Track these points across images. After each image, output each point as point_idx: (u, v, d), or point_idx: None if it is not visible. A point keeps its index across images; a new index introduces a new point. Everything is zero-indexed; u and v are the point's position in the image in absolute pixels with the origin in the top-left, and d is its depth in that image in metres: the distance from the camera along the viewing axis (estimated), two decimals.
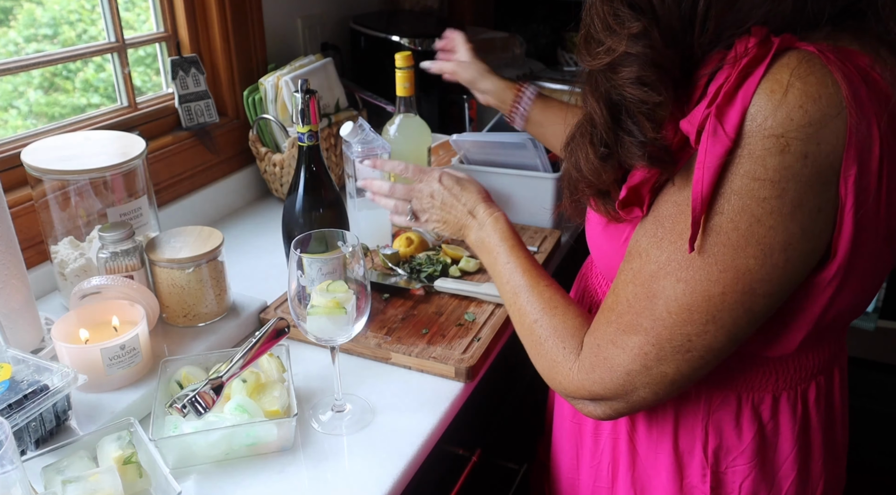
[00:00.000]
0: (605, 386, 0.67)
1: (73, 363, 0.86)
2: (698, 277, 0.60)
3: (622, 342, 0.65)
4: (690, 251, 0.60)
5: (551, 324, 0.75)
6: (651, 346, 0.64)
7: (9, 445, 0.62)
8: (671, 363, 0.64)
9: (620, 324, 0.66)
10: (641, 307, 0.64)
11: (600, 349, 0.68)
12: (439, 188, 0.95)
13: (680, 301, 0.61)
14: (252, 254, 1.30)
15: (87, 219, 1.08)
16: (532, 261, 0.83)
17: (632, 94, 0.62)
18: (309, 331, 0.83)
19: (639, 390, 0.66)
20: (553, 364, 0.73)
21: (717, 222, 0.58)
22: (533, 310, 0.77)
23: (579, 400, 0.72)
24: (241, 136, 1.52)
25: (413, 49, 1.71)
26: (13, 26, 1.20)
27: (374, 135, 1.23)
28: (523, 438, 1.32)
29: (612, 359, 0.66)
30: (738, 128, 0.55)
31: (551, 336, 0.74)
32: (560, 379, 0.72)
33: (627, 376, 0.66)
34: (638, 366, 0.65)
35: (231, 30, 1.44)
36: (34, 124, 1.24)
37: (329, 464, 0.83)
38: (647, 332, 0.64)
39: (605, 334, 0.67)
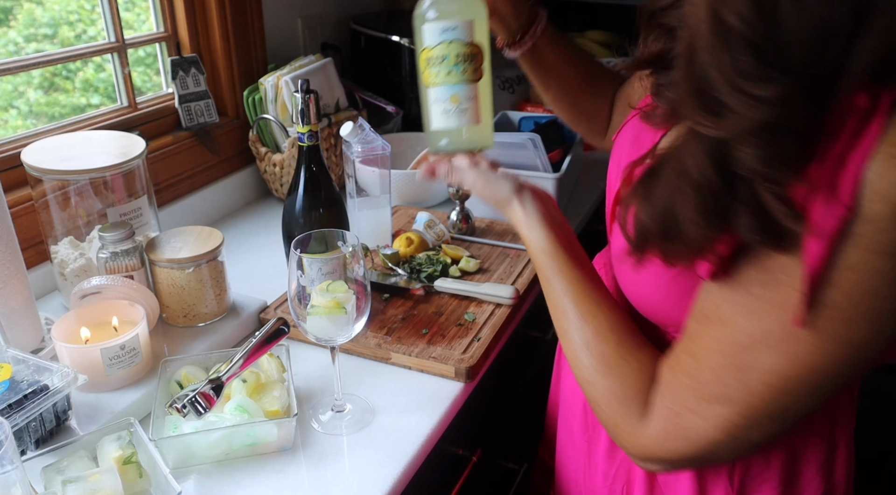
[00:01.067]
0: (680, 454, 0.63)
1: (73, 363, 0.86)
2: (803, 351, 0.55)
3: (705, 411, 0.61)
4: (800, 327, 0.54)
5: (608, 387, 0.68)
6: (740, 416, 0.59)
7: (9, 445, 0.62)
8: (760, 430, 0.60)
9: (703, 393, 0.61)
10: (730, 378, 0.59)
11: (677, 416, 0.62)
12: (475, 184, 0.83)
13: (779, 374, 0.57)
14: (252, 254, 1.30)
15: (87, 219, 1.08)
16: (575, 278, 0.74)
17: (761, 172, 0.52)
18: (309, 331, 0.83)
19: (719, 455, 0.63)
20: (615, 426, 0.68)
21: (830, 296, 0.53)
22: (586, 369, 0.70)
23: (640, 460, 0.67)
24: (241, 136, 1.52)
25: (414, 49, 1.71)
26: (13, 26, 1.20)
27: (374, 135, 1.23)
28: (523, 438, 1.32)
29: (692, 429, 0.62)
30: (853, 195, 0.50)
31: (611, 402, 0.68)
32: (623, 441, 0.67)
33: (709, 445, 0.61)
34: (722, 436, 0.60)
35: (231, 30, 1.44)
36: (34, 124, 1.24)
37: (329, 464, 0.83)
38: (735, 403, 0.59)
39: (683, 401, 0.62)
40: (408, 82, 1.75)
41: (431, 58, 0.84)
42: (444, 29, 0.82)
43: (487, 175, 0.82)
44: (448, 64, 0.84)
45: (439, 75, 0.84)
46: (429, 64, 0.85)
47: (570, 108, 1.09)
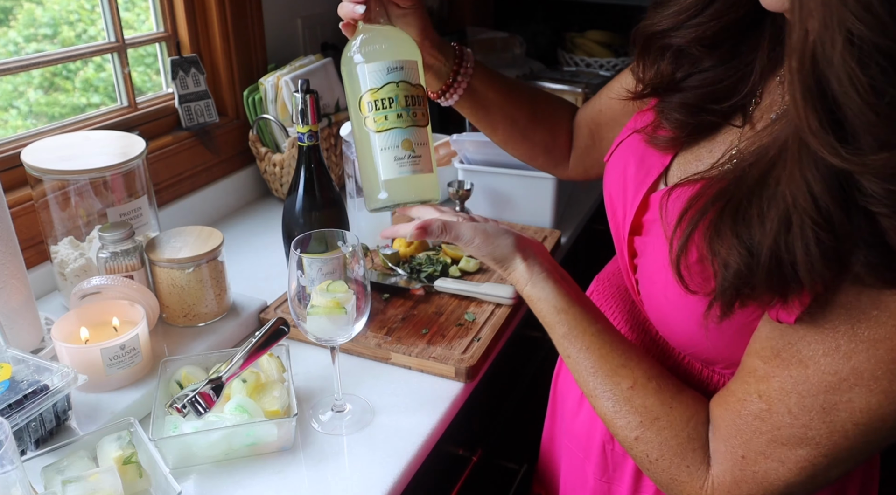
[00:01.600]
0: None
1: (73, 363, 0.86)
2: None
3: (781, 455, 0.58)
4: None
5: (659, 440, 0.64)
6: (823, 458, 0.57)
7: (9, 445, 0.62)
8: (841, 467, 0.57)
9: (779, 437, 0.58)
10: (812, 419, 0.56)
11: (748, 462, 0.59)
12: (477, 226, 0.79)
13: (873, 413, 0.54)
14: (252, 254, 1.30)
15: (87, 219, 1.08)
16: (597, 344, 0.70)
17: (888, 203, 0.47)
18: (309, 331, 0.83)
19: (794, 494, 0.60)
20: (674, 481, 0.63)
21: None
22: (630, 425, 0.66)
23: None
24: (241, 136, 1.52)
25: None
26: (13, 26, 1.20)
27: None
28: (523, 438, 1.32)
29: (766, 474, 0.59)
30: None
31: (666, 454, 0.64)
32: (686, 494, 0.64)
33: (786, 488, 0.59)
34: (802, 478, 0.58)
35: (231, 30, 1.44)
36: (34, 124, 1.24)
37: (329, 464, 0.83)
38: (819, 445, 0.56)
39: (754, 446, 0.59)
40: None
41: (377, 100, 0.76)
42: (391, 68, 0.76)
43: (487, 230, 0.77)
44: (398, 106, 0.76)
45: (388, 119, 0.76)
46: (374, 107, 0.77)
47: (522, 144, 1.00)
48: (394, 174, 0.77)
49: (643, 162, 0.73)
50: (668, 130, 0.71)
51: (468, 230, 0.77)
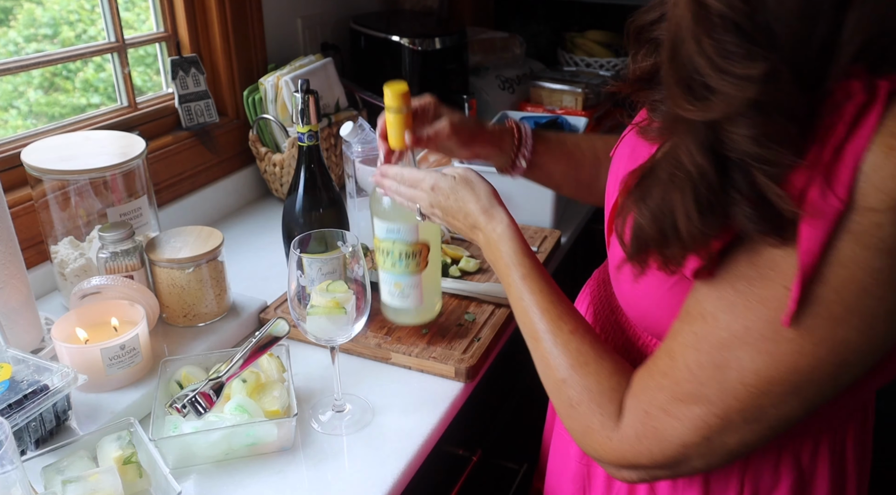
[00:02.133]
0: (652, 457, 0.61)
1: (73, 363, 0.86)
2: (786, 350, 0.53)
3: (679, 412, 0.59)
4: (787, 326, 0.53)
5: (583, 384, 0.67)
6: (716, 418, 0.57)
7: (9, 445, 0.62)
8: (736, 434, 0.58)
9: (678, 393, 0.59)
10: (707, 377, 0.57)
11: (649, 418, 0.61)
12: (435, 198, 0.85)
13: (760, 374, 0.55)
14: (252, 254, 1.30)
15: (87, 219, 1.08)
16: (548, 291, 0.75)
17: (754, 153, 0.51)
18: (309, 331, 0.83)
19: (692, 460, 0.60)
20: (587, 429, 0.66)
21: (819, 293, 0.51)
22: (560, 366, 0.69)
23: (614, 467, 0.66)
24: (241, 136, 1.52)
25: (414, 49, 1.71)
26: (13, 26, 1.20)
27: (374, 135, 1.23)
28: (523, 438, 1.32)
29: (665, 430, 0.60)
30: (849, 190, 0.48)
31: (584, 400, 0.66)
32: (596, 447, 0.65)
33: (682, 448, 0.59)
34: (697, 438, 0.59)
35: (231, 30, 1.44)
36: (34, 124, 1.24)
37: (329, 464, 0.83)
38: (712, 403, 0.57)
39: (657, 401, 0.61)
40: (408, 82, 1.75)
41: (379, 248, 0.96)
42: (390, 229, 0.93)
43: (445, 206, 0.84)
44: (392, 258, 0.95)
45: (386, 264, 0.96)
46: (378, 250, 0.96)
47: (590, 196, 1.04)
48: (387, 301, 1.01)
49: (634, 151, 0.75)
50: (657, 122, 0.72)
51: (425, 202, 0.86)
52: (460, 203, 0.83)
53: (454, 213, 0.84)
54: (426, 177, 0.86)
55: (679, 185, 0.56)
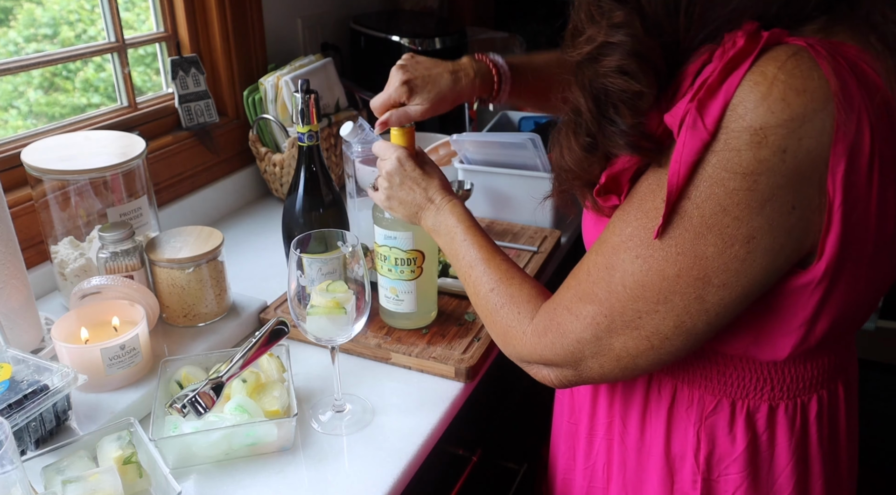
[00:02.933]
0: (555, 351, 0.69)
1: (73, 363, 0.86)
2: (656, 256, 0.61)
3: (577, 309, 0.66)
4: (655, 237, 0.60)
5: (507, 292, 0.76)
6: (603, 317, 0.64)
7: (9, 445, 0.62)
8: (620, 337, 0.64)
9: (578, 292, 0.67)
10: (599, 277, 0.65)
11: (555, 313, 0.69)
12: (398, 168, 0.90)
13: (636, 276, 0.62)
14: (252, 254, 1.30)
15: (87, 219, 1.08)
16: (488, 240, 0.83)
17: (613, 84, 0.62)
18: (309, 331, 0.83)
19: (587, 360, 0.67)
20: (507, 329, 0.74)
21: (683, 206, 0.58)
22: (489, 280, 0.78)
23: (532, 364, 0.74)
24: (241, 136, 1.52)
25: (414, 49, 1.71)
26: (13, 26, 1.20)
27: (374, 135, 1.23)
28: (523, 438, 1.32)
29: (564, 325, 0.67)
30: (717, 121, 0.55)
31: (507, 303, 0.75)
32: (514, 344, 0.74)
33: (577, 344, 0.67)
34: (588, 335, 0.66)
35: (231, 30, 1.44)
36: (34, 124, 1.24)
37: (329, 464, 0.83)
38: (601, 303, 0.64)
39: (563, 299, 0.69)
40: None
41: (377, 253, 1.00)
42: (388, 236, 0.97)
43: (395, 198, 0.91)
44: (389, 263, 0.99)
45: (383, 268, 1.00)
46: (377, 255, 1.00)
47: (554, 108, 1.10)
48: (384, 304, 1.03)
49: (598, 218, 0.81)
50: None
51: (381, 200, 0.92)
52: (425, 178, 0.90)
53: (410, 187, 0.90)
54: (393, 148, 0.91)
55: (566, 122, 0.69)
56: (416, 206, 0.89)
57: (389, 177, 0.90)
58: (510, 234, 1.32)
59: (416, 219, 0.90)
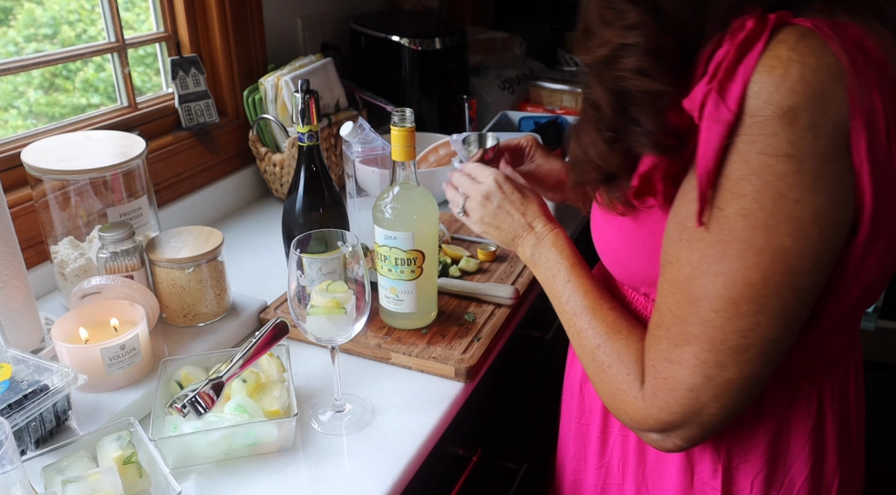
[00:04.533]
0: (671, 409, 0.63)
1: (73, 363, 0.86)
2: (735, 266, 0.57)
3: (677, 356, 0.62)
4: (698, 226, 0.59)
5: (614, 348, 0.70)
6: (707, 353, 0.60)
7: (9, 445, 0.62)
8: (732, 367, 0.60)
9: (670, 339, 0.63)
10: (686, 314, 0.61)
11: (657, 370, 0.64)
12: (497, 190, 0.89)
13: (723, 296, 0.58)
14: (252, 254, 1.30)
15: (87, 219, 1.08)
16: (593, 281, 0.79)
17: (633, 85, 0.62)
18: (309, 331, 0.83)
19: (707, 406, 0.62)
20: (616, 391, 0.69)
21: (742, 205, 0.56)
22: (595, 334, 0.73)
23: (649, 433, 0.68)
24: (241, 136, 1.52)
25: (414, 49, 1.71)
26: (13, 26, 1.20)
27: (374, 135, 1.23)
28: (523, 438, 1.33)
29: (671, 378, 0.62)
30: (739, 102, 0.55)
31: (615, 362, 0.69)
32: (625, 409, 0.68)
33: (691, 392, 0.62)
34: (699, 378, 0.61)
35: (231, 30, 1.44)
36: (34, 124, 1.24)
37: (329, 464, 0.83)
38: (698, 339, 0.60)
39: (658, 353, 0.64)
40: (408, 82, 1.75)
41: (377, 253, 0.99)
42: (387, 236, 0.96)
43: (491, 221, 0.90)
44: (389, 263, 0.98)
45: (383, 269, 0.99)
46: (376, 255, 0.99)
47: None
48: (384, 304, 1.02)
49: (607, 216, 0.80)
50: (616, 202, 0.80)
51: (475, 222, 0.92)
52: (525, 203, 0.89)
53: (509, 211, 0.89)
54: (488, 170, 0.92)
55: (588, 119, 0.69)
56: (514, 233, 0.88)
57: (485, 200, 0.89)
58: None
59: (512, 246, 0.89)
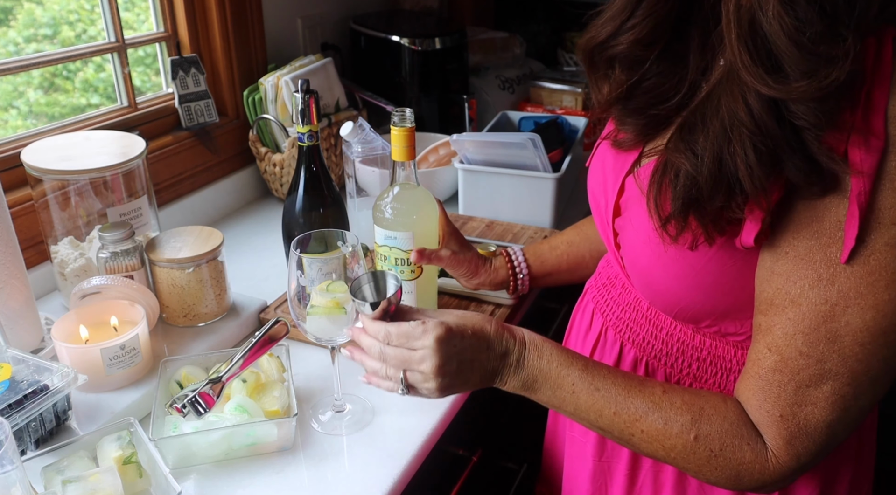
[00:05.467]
0: (810, 452, 0.61)
1: (73, 363, 0.86)
2: (887, 297, 0.55)
3: (811, 397, 0.59)
4: (844, 262, 0.56)
5: (717, 429, 0.64)
6: (847, 386, 0.58)
7: (9, 445, 0.62)
8: (869, 394, 0.59)
9: (801, 381, 0.59)
10: (823, 352, 0.58)
11: (788, 419, 0.60)
12: (447, 353, 0.71)
13: (872, 329, 0.56)
14: (252, 254, 1.30)
15: (87, 219, 1.08)
16: (613, 371, 0.71)
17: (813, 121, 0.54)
18: (309, 331, 0.83)
19: (839, 435, 0.61)
20: (741, 468, 0.63)
21: (893, 234, 0.54)
22: (681, 429, 0.65)
23: (784, 485, 0.64)
24: (241, 136, 1.52)
25: (414, 49, 1.71)
26: (13, 26, 1.20)
27: (374, 135, 1.23)
28: (523, 438, 1.32)
29: (809, 421, 0.60)
30: (884, 131, 0.53)
31: (727, 442, 0.63)
32: (758, 478, 0.63)
33: (829, 429, 0.60)
34: (838, 414, 0.59)
35: (231, 30, 1.44)
36: (34, 124, 1.24)
37: (329, 464, 0.83)
38: (837, 375, 0.58)
39: (784, 399, 0.60)
40: (408, 82, 1.75)
41: (377, 252, 0.98)
42: (387, 236, 0.96)
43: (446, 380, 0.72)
44: (389, 263, 0.98)
45: (383, 268, 0.99)
46: (377, 255, 0.99)
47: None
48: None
49: (618, 157, 0.77)
50: (626, 134, 0.75)
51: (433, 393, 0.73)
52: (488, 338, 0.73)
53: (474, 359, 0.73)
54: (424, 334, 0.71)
55: (739, 137, 0.57)
56: (491, 373, 0.74)
57: (440, 369, 0.71)
58: (510, 234, 1.32)
59: (494, 384, 0.75)
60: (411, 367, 0.72)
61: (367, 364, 0.76)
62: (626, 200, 0.74)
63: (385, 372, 0.74)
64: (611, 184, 0.77)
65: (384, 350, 0.73)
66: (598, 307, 0.87)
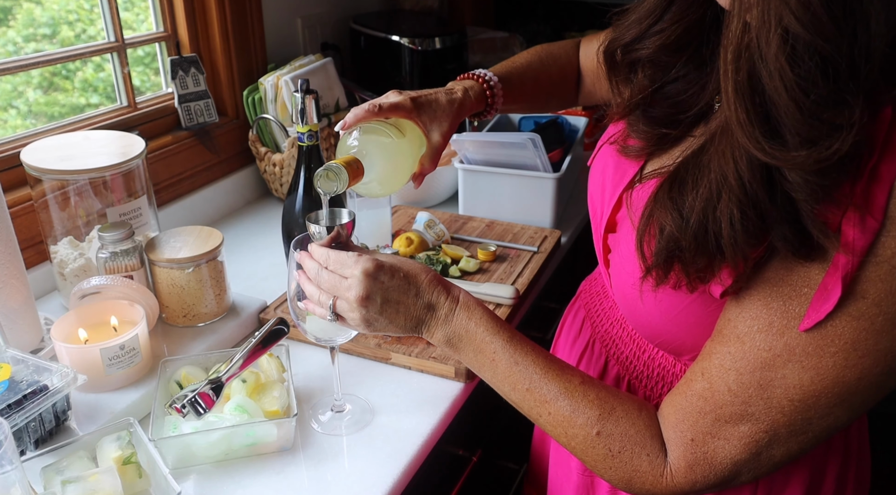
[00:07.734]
0: (708, 480, 0.61)
1: (73, 363, 0.86)
2: (831, 364, 0.54)
3: (726, 433, 0.59)
4: (803, 330, 0.54)
5: (619, 430, 0.64)
6: (763, 433, 0.58)
7: (8, 445, 0.62)
8: (783, 446, 0.58)
9: (722, 415, 0.59)
10: (751, 396, 0.58)
11: (697, 444, 0.61)
12: (373, 285, 0.70)
13: (806, 389, 0.55)
14: (252, 254, 1.30)
15: (86, 219, 1.08)
16: (538, 350, 0.70)
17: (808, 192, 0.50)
18: (309, 331, 0.83)
19: (741, 476, 0.61)
20: (634, 474, 0.63)
21: (860, 307, 0.52)
22: (587, 420, 0.65)
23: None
24: (241, 136, 1.52)
25: (414, 48, 1.71)
26: (12, 26, 1.20)
27: None
28: (523, 438, 1.32)
29: (715, 454, 0.60)
30: (884, 210, 0.49)
31: (626, 444, 0.63)
32: (648, 488, 0.63)
33: (734, 466, 0.60)
34: (747, 455, 0.59)
35: (231, 30, 1.44)
36: (34, 124, 1.24)
37: (329, 464, 0.83)
38: (758, 421, 0.58)
39: (701, 427, 0.60)
40: (408, 82, 1.75)
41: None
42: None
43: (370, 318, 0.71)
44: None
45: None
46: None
47: (545, 106, 1.15)
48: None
49: (619, 165, 0.76)
50: (636, 141, 0.73)
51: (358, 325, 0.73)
52: (415, 284, 0.72)
53: (399, 301, 0.71)
54: (357, 263, 0.71)
55: (727, 203, 0.54)
56: (415, 321, 0.72)
57: (364, 301, 0.70)
58: (510, 234, 1.32)
59: (418, 333, 0.74)
60: (340, 294, 0.72)
61: (305, 286, 0.76)
62: (623, 216, 0.73)
63: (318, 298, 0.74)
64: (608, 195, 0.75)
65: (320, 273, 0.73)
66: (589, 316, 0.87)
